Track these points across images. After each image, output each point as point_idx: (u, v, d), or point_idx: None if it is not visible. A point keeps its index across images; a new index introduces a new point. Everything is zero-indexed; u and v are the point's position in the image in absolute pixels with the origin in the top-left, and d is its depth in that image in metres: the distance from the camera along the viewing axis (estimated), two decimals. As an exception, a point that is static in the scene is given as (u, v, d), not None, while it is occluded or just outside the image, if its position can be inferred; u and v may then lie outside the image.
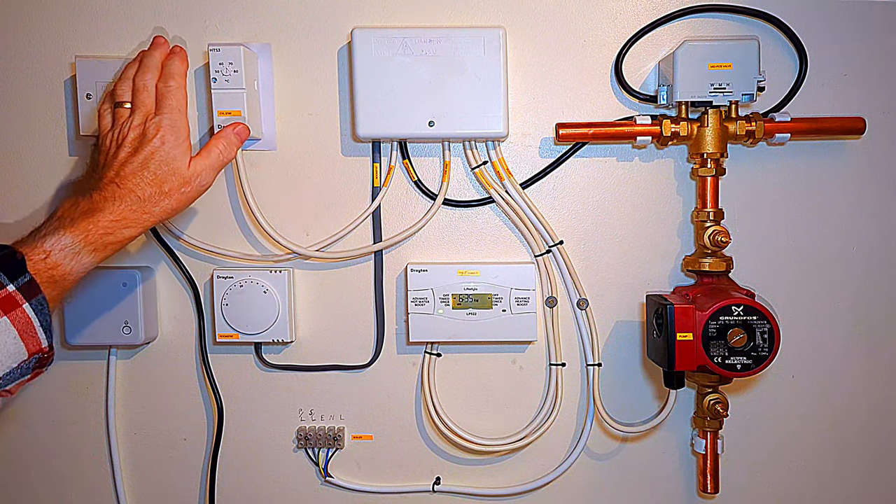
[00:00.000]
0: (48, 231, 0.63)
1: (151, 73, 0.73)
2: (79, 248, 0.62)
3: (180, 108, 0.71)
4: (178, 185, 0.68)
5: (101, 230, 0.64)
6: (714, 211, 0.86)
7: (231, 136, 0.75)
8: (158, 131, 0.68)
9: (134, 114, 0.70)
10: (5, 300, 0.56)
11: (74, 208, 0.65)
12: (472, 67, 0.84)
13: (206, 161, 0.72)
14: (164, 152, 0.68)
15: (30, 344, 0.58)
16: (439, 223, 0.93)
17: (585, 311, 0.92)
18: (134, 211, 0.66)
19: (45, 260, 0.61)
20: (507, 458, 0.96)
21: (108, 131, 0.71)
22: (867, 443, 0.96)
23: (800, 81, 0.89)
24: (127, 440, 0.97)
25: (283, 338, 0.91)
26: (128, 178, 0.66)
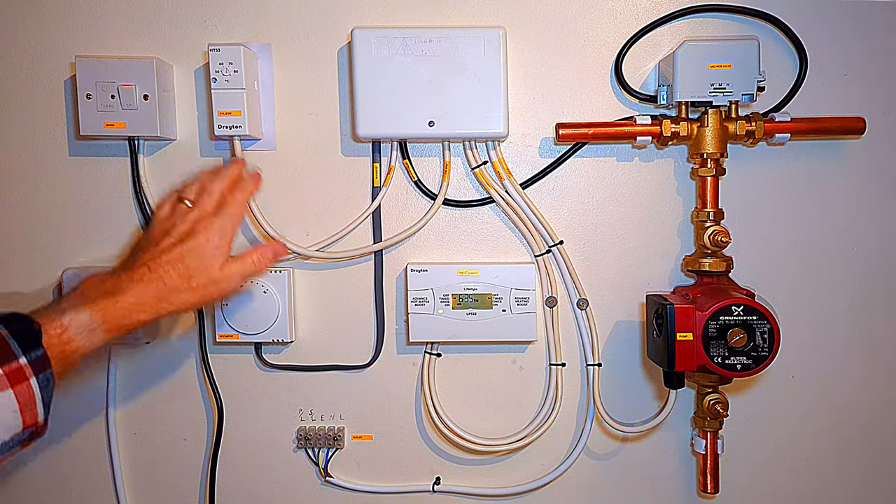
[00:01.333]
0: (68, 305, 0.63)
1: (220, 181, 0.74)
2: (95, 326, 0.63)
3: (236, 218, 0.72)
4: (205, 283, 0.69)
5: (120, 312, 0.64)
6: (714, 211, 0.86)
7: (267, 252, 0.75)
8: (207, 230, 0.70)
9: (193, 211, 0.72)
10: (15, 373, 0.56)
11: (99, 286, 0.65)
12: (472, 67, 0.84)
13: (239, 267, 0.72)
14: (205, 250, 0.69)
15: (27, 418, 0.57)
16: (439, 223, 0.93)
17: (585, 311, 0.92)
18: (156, 297, 0.66)
19: (60, 335, 0.60)
20: (507, 458, 0.96)
21: (163, 220, 0.72)
22: (867, 442, 0.96)
23: (800, 81, 0.89)
24: (127, 440, 0.97)
25: (283, 338, 0.91)
26: (162, 265, 0.67)
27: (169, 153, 0.92)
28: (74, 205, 0.93)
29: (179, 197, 0.73)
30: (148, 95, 0.85)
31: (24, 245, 0.93)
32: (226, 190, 0.74)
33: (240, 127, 0.85)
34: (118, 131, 0.86)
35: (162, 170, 0.92)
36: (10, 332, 0.57)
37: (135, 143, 0.90)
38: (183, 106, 0.91)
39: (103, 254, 0.93)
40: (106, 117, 0.86)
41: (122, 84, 0.85)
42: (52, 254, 0.93)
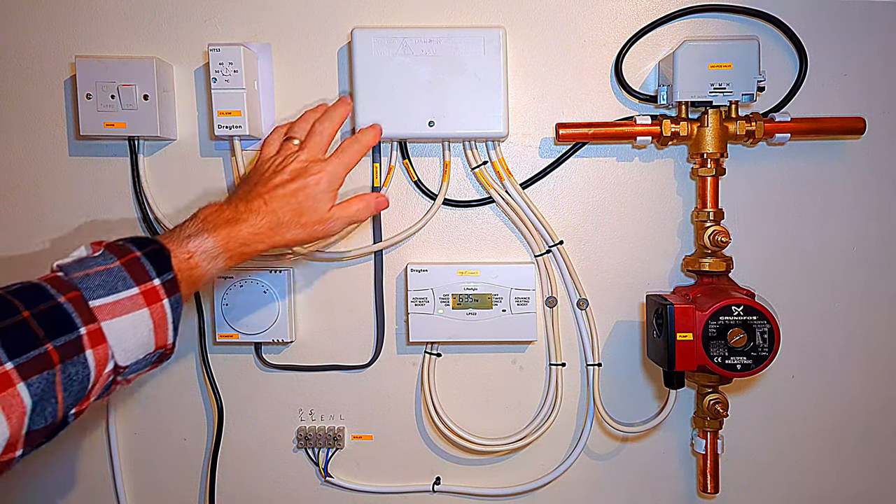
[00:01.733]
0: (192, 232, 0.65)
1: (331, 124, 0.78)
2: (217, 253, 0.65)
3: (348, 165, 0.76)
4: (314, 222, 0.72)
5: (241, 240, 0.67)
6: (714, 211, 0.86)
7: (371, 202, 0.78)
8: (320, 173, 0.73)
9: (302, 151, 0.75)
10: (150, 293, 0.58)
11: (218, 214, 0.67)
12: (472, 67, 0.84)
13: (344, 212, 0.75)
14: (317, 191, 0.72)
15: (160, 338, 0.60)
16: (439, 223, 0.93)
17: (585, 311, 0.92)
18: (270, 229, 0.69)
19: (188, 260, 0.63)
20: (507, 458, 0.96)
21: (271, 157, 0.76)
22: (867, 442, 0.96)
23: (800, 81, 0.89)
24: (127, 440, 0.97)
25: (283, 338, 0.91)
26: (276, 199, 0.70)
27: (169, 153, 0.92)
28: (74, 205, 0.93)
29: (287, 136, 0.77)
30: (148, 95, 0.85)
31: (24, 245, 0.93)
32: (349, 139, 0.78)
33: (240, 127, 0.85)
34: (118, 131, 0.86)
35: (162, 170, 0.92)
36: (144, 253, 0.60)
37: (135, 143, 0.90)
38: (183, 106, 0.91)
39: (103, 254, 0.93)
40: (106, 117, 0.86)
41: (122, 84, 0.85)
42: (52, 254, 0.93)
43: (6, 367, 0.50)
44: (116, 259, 0.58)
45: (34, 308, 0.53)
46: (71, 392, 0.54)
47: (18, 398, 0.50)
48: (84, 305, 0.55)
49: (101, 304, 0.56)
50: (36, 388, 0.51)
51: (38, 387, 0.51)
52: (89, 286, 0.56)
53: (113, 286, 0.57)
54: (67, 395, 0.54)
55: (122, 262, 0.58)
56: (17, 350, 0.51)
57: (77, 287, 0.56)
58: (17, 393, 0.50)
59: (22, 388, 0.50)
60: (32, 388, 0.51)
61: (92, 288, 0.56)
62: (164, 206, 0.92)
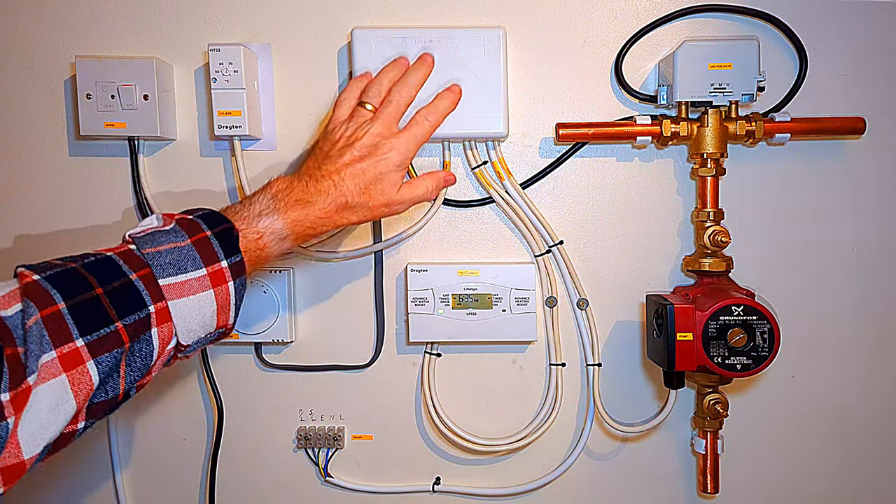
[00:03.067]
0: (263, 210, 0.65)
1: (408, 91, 0.75)
2: (285, 235, 0.65)
3: (420, 140, 0.73)
4: (381, 204, 0.71)
5: (309, 223, 0.67)
6: (714, 211, 0.86)
7: (440, 180, 0.77)
8: (392, 150, 0.70)
9: (375, 121, 0.71)
10: (217, 274, 0.59)
11: (289, 192, 0.66)
12: (472, 67, 0.84)
13: (412, 193, 0.73)
14: (385, 171, 0.70)
15: (221, 319, 0.60)
16: (439, 223, 0.93)
17: (585, 311, 0.92)
18: (337, 212, 0.68)
19: (257, 240, 0.63)
20: (507, 458, 0.96)
21: (343, 123, 0.72)
22: (867, 442, 0.96)
23: (800, 81, 0.89)
24: (127, 440, 0.97)
25: (283, 338, 0.91)
26: (346, 179, 0.68)
27: (169, 153, 0.92)
28: (74, 205, 0.93)
29: (361, 101, 0.74)
30: (148, 95, 0.85)
31: (25, 245, 0.93)
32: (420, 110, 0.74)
33: (240, 127, 0.85)
34: (118, 131, 0.86)
35: (162, 170, 0.92)
36: (214, 233, 0.60)
37: (135, 143, 0.90)
38: (183, 106, 0.91)
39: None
40: (106, 117, 0.86)
41: (122, 84, 0.85)
42: (52, 254, 0.93)
43: (77, 345, 0.51)
44: (187, 237, 0.59)
45: (107, 285, 0.54)
46: (134, 368, 0.55)
47: (87, 375, 0.51)
48: (154, 283, 0.56)
49: (169, 282, 0.56)
50: (104, 367, 0.52)
51: (106, 364, 0.52)
52: (160, 263, 0.56)
53: (182, 266, 0.57)
54: (130, 371, 0.55)
55: (193, 240, 0.59)
56: (89, 327, 0.52)
57: (148, 263, 0.56)
58: (87, 370, 0.51)
59: (91, 365, 0.51)
60: (101, 366, 0.52)
61: (162, 266, 0.56)
62: (165, 206, 0.92)
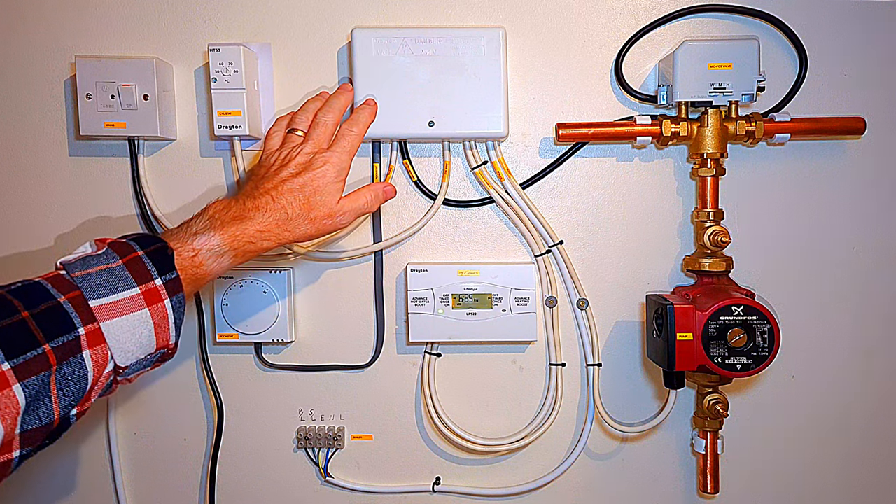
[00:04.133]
0: (199, 229, 0.65)
1: (333, 114, 0.77)
2: (223, 251, 0.65)
3: (351, 152, 0.75)
4: (323, 216, 0.71)
5: (248, 237, 0.66)
6: (714, 211, 0.86)
7: (379, 192, 0.77)
8: (325, 164, 0.72)
9: (306, 142, 0.74)
10: (151, 293, 0.58)
11: (226, 211, 0.67)
12: (472, 67, 0.84)
13: (353, 204, 0.74)
14: (323, 183, 0.71)
15: (161, 338, 0.60)
16: (439, 223, 0.93)
17: (585, 311, 0.92)
18: (278, 226, 0.68)
19: (192, 258, 0.63)
20: (507, 458, 0.96)
21: (276, 150, 0.75)
22: (868, 442, 0.96)
23: (800, 81, 0.89)
24: (127, 440, 0.97)
25: (283, 338, 0.91)
26: (284, 194, 0.69)
27: (169, 153, 0.92)
28: (74, 205, 0.93)
29: (290, 128, 0.76)
30: (148, 95, 0.85)
31: (24, 245, 0.93)
32: (344, 123, 0.76)
33: (240, 127, 0.85)
34: (118, 131, 0.86)
35: (162, 170, 0.92)
36: (146, 253, 0.60)
37: (135, 143, 0.90)
38: (183, 106, 0.91)
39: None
40: (106, 117, 0.86)
41: (122, 84, 0.85)
42: (52, 254, 0.93)
43: (3, 368, 0.50)
44: (119, 258, 0.58)
45: (34, 308, 0.53)
46: (67, 392, 0.54)
47: (14, 399, 0.50)
48: (84, 305, 0.55)
49: (101, 304, 0.56)
50: (31, 390, 0.51)
51: (33, 388, 0.51)
52: (90, 285, 0.56)
53: (114, 286, 0.57)
54: (63, 395, 0.54)
55: (125, 261, 0.58)
56: (14, 351, 0.51)
57: (78, 286, 0.56)
58: (13, 394, 0.50)
59: (17, 389, 0.50)
60: (28, 389, 0.51)
61: (93, 287, 0.56)
62: (164, 206, 0.92)
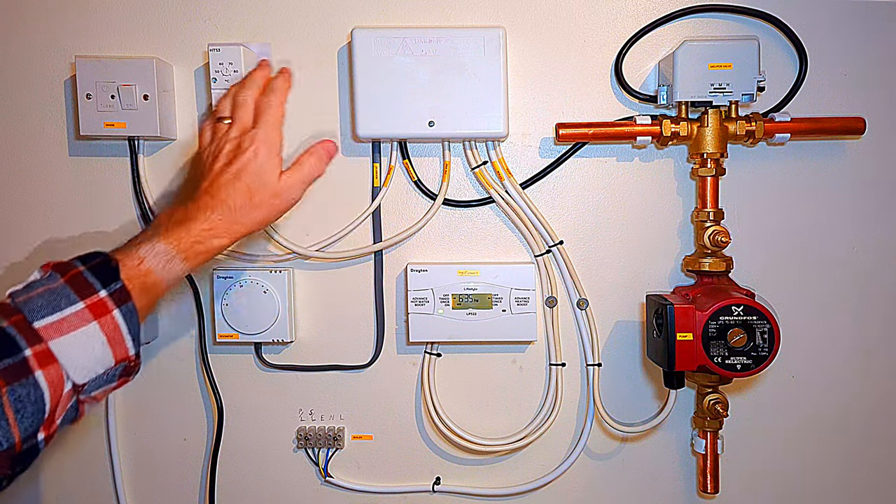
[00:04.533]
0: (143, 239, 0.64)
1: (251, 91, 0.75)
2: (171, 255, 0.63)
3: (276, 124, 0.72)
4: (269, 197, 0.69)
5: (193, 238, 0.65)
6: (714, 211, 0.86)
7: (321, 152, 0.75)
8: (252, 143, 0.69)
9: (232, 128, 0.72)
10: (96, 305, 0.57)
11: (169, 218, 0.66)
12: (472, 67, 0.84)
13: (297, 175, 0.72)
14: (257, 164, 0.69)
15: (117, 351, 0.58)
16: (439, 223, 0.93)
17: (585, 311, 0.92)
18: (225, 220, 0.67)
19: (138, 266, 0.61)
20: (507, 458, 0.96)
21: (208, 145, 0.73)
22: (868, 442, 0.96)
23: (800, 81, 0.89)
24: (127, 440, 0.97)
25: (283, 338, 0.91)
26: (221, 188, 0.67)
27: (169, 153, 0.92)
28: (74, 205, 0.93)
29: (216, 117, 0.74)
30: (148, 95, 0.85)
31: (24, 245, 0.93)
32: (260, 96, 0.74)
33: (240, 127, 0.85)
34: (118, 131, 0.86)
35: (162, 170, 0.92)
36: (88, 267, 0.59)
37: (135, 143, 0.90)
38: (183, 106, 0.91)
39: (103, 254, 0.93)
40: (106, 117, 0.86)
41: (122, 84, 0.85)
42: (52, 254, 0.93)
43: None
44: (60, 277, 0.58)
45: None
46: (25, 414, 0.53)
47: None
48: (27, 327, 0.54)
49: (45, 323, 0.55)
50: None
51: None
52: (32, 308, 0.55)
53: (56, 304, 0.56)
54: (22, 418, 0.52)
55: (65, 279, 0.57)
56: None
57: (20, 310, 0.55)
58: None
59: None
60: None
61: (35, 309, 0.55)
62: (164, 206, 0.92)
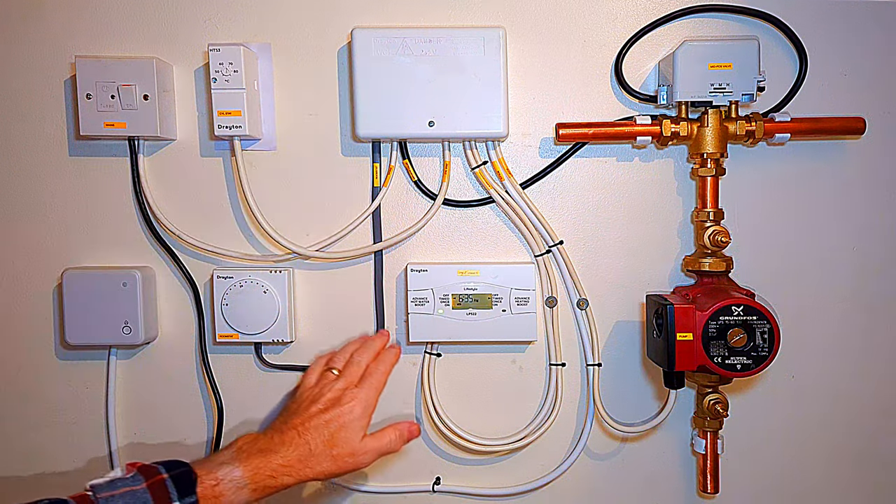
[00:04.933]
0: (225, 460, 0.67)
1: (367, 354, 0.80)
2: (244, 484, 0.66)
3: (378, 388, 0.76)
4: (345, 454, 0.71)
5: (269, 471, 0.67)
6: (714, 211, 0.86)
7: (404, 432, 0.77)
8: (352, 401, 0.73)
9: (339, 379, 0.76)
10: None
11: (253, 444, 0.69)
12: (472, 67, 0.84)
13: (376, 444, 0.74)
14: (350, 419, 0.72)
15: None
16: (439, 223, 0.93)
17: (585, 311, 0.92)
18: (300, 461, 0.69)
19: (214, 487, 0.64)
20: (507, 458, 0.96)
21: (310, 387, 0.77)
22: (867, 442, 0.96)
23: (800, 81, 0.89)
24: (127, 440, 0.96)
25: (283, 338, 0.91)
26: (309, 430, 0.71)
27: (169, 153, 0.92)
28: (74, 205, 0.93)
29: (328, 367, 0.78)
30: (148, 95, 0.85)
31: (24, 245, 0.93)
32: (372, 361, 0.79)
33: (240, 127, 0.85)
34: (118, 131, 0.86)
35: (162, 170, 0.92)
36: (171, 476, 0.62)
37: (135, 143, 0.90)
38: (183, 106, 0.91)
39: (103, 254, 0.93)
40: (106, 117, 0.86)
41: (122, 84, 0.85)
42: (52, 254, 0.93)
43: None
44: (143, 480, 0.61)
45: None
46: None
47: None
48: None
49: None
50: None
51: None
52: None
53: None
54: None
55: (148, 483, 0.61)
56: None
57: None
58: None
59: None
60: None
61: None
62: (164, 206, 0.92)
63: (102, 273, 0.90)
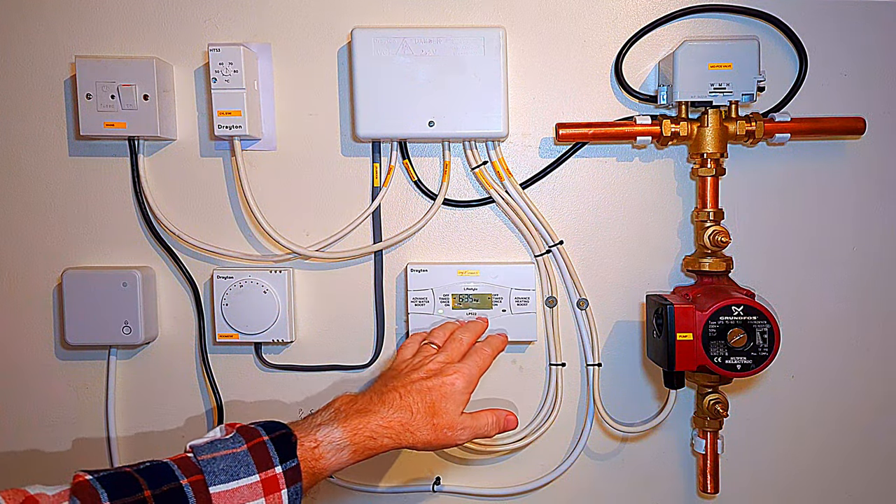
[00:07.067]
0: (323, 421, 0.65)
1: (470, 334, 0.79)
2: (344, 445, 0.64)
3: (482, 367, 0.75)
4: (444, 425, 0.70)
5: (369, 432, 0.66)
6: (714, 211, 0.86)
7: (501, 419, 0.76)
8: (456, 373, 0.72)
9: (440, 353, 0.75)
10: (269, 481, 0.58)
11: (351, 405, 0.67)
12: (472, 67, 0.84)
13: (474, 423, 0.73)
14: (451, 392, 0.71)
15: None
16: (439, 223, 0.93)
17: (585, 311, 0.92)
18: (400, 423, 0.67)
19: (314, 449, 0.62)
20: (507, 458, 0.96)
21: (409, 358, 0.77)
22: (867, 442, 0.96)
23: (800, 81, 0.89)
24: (127, 440, 0.97)
25: (283, 338, 0.91)
26: (412, 393, 0.69)
27: (169, 153, 0.92)
28: (74, 205, 0.93)
29: (428, 341, 0.78)
30: (148, 95, 0.86)
31: (24, 245, 0.93)
32: (480, 342, 0.79)
33: (240, 127, 0.85)
34: (118, 131, 0.86)
35: (162, 170, 0.92)
36: (271, 438, 0.60)
37: (135, 143, 0.90)
38: (183, 106, 0.91)
39: (103, 254, 0.93)
40: (106, 117, 0.86)
41: (122, 84, 0.85)
42: (52, 254, 0.93)
43: None
44: (244, 442, 0.59)
45: (156, 488, 0.54)
46: None
47: None
48: (204, 490, 0.56)
49: (220, 490, 0.56)
50: None
51: None
52: (213, 470, 0.57)
53: (235, 472, 0.57)
54: None
55: (249, 445, 0.59)
56: None
57: (202, 470, 0.56)
58: None
59: None
60: None
61: (215, 472, 0.57)
62: (164, 206, 0.92)
63: (102, 273, 0.90)
